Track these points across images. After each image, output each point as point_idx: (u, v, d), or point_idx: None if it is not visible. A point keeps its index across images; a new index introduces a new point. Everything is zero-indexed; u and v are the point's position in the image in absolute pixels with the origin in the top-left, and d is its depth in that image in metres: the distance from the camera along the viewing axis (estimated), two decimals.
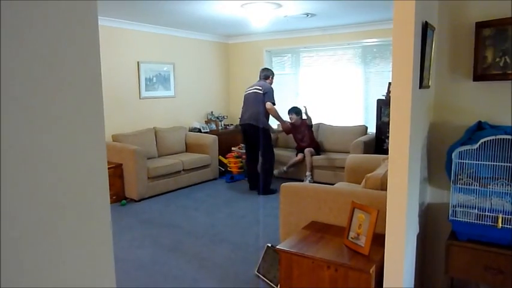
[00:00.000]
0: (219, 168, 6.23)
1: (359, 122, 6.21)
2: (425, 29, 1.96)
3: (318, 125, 6.35)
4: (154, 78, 6.11)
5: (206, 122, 6.91)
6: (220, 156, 6.26)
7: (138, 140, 5.43)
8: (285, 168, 5.93)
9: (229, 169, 6.26)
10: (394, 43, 1.85)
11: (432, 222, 2.50)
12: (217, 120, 6.97)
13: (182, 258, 3.37)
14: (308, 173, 5.74)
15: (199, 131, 6.54)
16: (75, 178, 0.53)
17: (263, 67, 5.69)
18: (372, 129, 5.84)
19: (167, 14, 5.08)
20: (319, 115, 6.63)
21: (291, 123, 5.91)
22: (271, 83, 5.40)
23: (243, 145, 6.73)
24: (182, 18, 5.38)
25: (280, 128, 5.97)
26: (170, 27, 6.09)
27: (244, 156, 6.41)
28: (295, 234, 2.61)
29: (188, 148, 6.22)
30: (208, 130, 6.64)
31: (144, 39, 5.92)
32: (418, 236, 2.30)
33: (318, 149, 5.98)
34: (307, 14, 5.05)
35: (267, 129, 5.29)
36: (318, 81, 6.68)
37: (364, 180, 2.84)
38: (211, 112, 7.08)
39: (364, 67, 6.22)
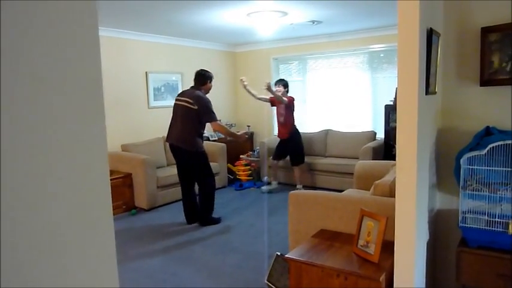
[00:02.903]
0: (228, 176, 6.25)
1: (367, 127, 6.19)
2: (431, 36, 1.96)
3: (327, 131, 6.35)
4: (162, 88, 6.17)
5: (214, 130, 6.93)
6: (229, 164, 6.28)
7: (147, 149, 5.48)
8: (273, 183, 5.87)
9: (238, 177, 6.28)
10: (399, 50, 1.85)
11: (442, 229, 2.47)
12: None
13: (192, 267, 3.38)
14: (299, 186, 5.70)
15: (208, 139, 6.56)
16: (76, 187, 0.54)
17: (200, 69, 4.48)
18: (381, 135, 5.81)
19: (175, 25, 5.15)
20: (327, 121, 6.64)
21: (273, 97, 5.55)
22: (208, 90, 4.42)
23: (251, 152, 6.75)
24: (189, 28, 5.44)
25: (268, 98, 5.67)
26: (178, 37, 6.16)
27: (253, 164, 6.43)
28: (305, 243, 2.60)
29: None
30: (216, 138, 6.67)
31: (152, 49, 5.99)
32: (427, 243, 2.28)
33: (294, 135, 5.67)
34: (313, 22, 5.08)
35: (201, 152, 4.28)
36: (325, 88, 6.69)
37: (372, 187, 2.83)
38: (219, 120, 7.10)
39: (372, 73, 6.21)
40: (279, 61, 7.16)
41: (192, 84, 4.47)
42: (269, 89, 5.22)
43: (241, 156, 6.64)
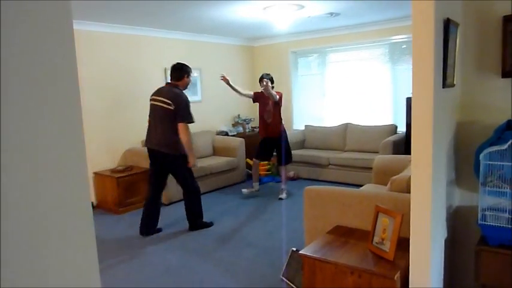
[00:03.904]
0: (247, 171, 6.25)
1: (388, 121, 6.06)
2: (448, 26, 1.88)
3: (346, 124, 6.25)
4: None
5: (233, 125, 6.95)
6: (247, 159, 6.28)
7: None
8: (255, 184, 5.41)
9: None
10: (413, 42, 1.79)
11: (461, 226, 2.39)
12: (244, 123, 7.00)
13: (208, 262, 3.40)
14: (284, 186, 5.30)
15: (227, 134, 6.59)
16: (55, 180, 0.53)
17: (176, 62, 4.14)
18: (402, 128, 5.68)
19: (192, 20, 5.16)
20: (346, 115, 6.53)
21: (259, 93, 5.16)
22: (185, 86, 4.08)
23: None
24: (207, 24, 5.44)
25: (251, 94, 5.27)
26: (195, 32, 6.17)
27: (272, 159, 6.41)
28: (319, 239, 2.57)
29: (216, 151, 6.27)
30: (235, 133, 6.68)
31: (170, 45, 6.03)
32: (446, 241, 2.21)
33: (284, 133, 5.28)
34: (331, 14, 4.98)
35: (184, 155, 3.95)
36: (344, 81, 6.58)
37: (389, 183, 2.77)
38: (238, 115, 7.11)
39: (392, 65, 6.07)
40: (298, 54, 7.09)
41: (211, 79, 4.43)
42: (266, 87, 4.81)
43: None
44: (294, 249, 3.05)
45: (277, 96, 5.02)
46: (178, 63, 4.10)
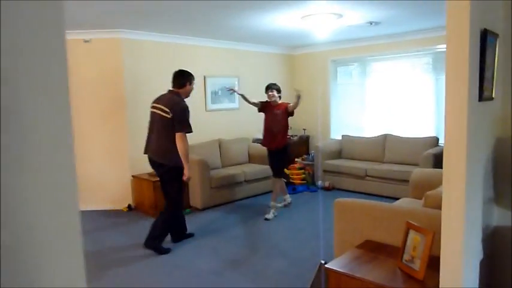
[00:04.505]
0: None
1: (430, 133, 5.83)
2: (485, 37, 1.79)
3: (385, 135, 6.09)
4: (219, 92, 6.32)
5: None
6: None
7: (203, 150, 5.63)
8: (285, 199, 5.16)
9: (291, 180, 6.23)
10: (447, 53, 1.73)
11: (500, 247, 2.25)
12: None
13: (238, 269, 3.41)
14: (272, 203, 4.90)
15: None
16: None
17: (178, 69, 3.97)
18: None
19: (231, 29, 5.25)
20: (386, 125, 6.36)
21: (266, 102, 4.85)
22: (188, 94, 3.90)
23: (306, 156, 6.68)
24: (245, 33, 5.51)
25: (258, 103, 4.87)
26: (235, 41, 6.27)
27: (308, 168, 6.36)
28: (347, 253, 2.51)
29: (251, 159, 6.31)
30: None
31: (210, 54, 6.16)
32: (482, 262, 2.09)
33: (286, 149, 4.96)
34: (371, 23, 4.89)
35: (179, 167, 3.74)
36: (385, 91, 6.42)
37: (423, 198, 2.66)
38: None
39: (436, 75, 5.85)
40: (337, 63, 7.01)
41: (249, 87, 4.45)
42: (295, 104, 4.66)
43: (296, 159, 6.59)
44: (323, 261, 2.99)
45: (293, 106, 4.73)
46: (180, 70, 3.93)
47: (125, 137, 5.29)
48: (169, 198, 3.89)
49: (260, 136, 6.72)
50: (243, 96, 4.88)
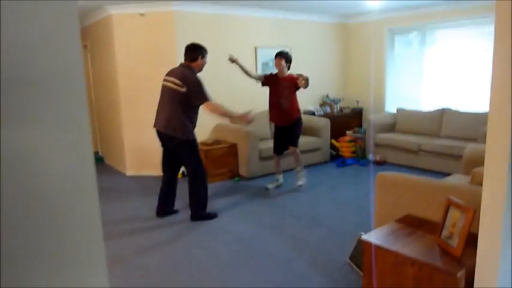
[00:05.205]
0: (331, 152, 6.18)
1: None
2: None
3: (443, 110, 5.77)
4: (270, 62, 6.29)
5: (320, 105, 6.87)
6: (332, 140, 6.20)
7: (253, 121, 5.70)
8: (277, 179, 4.95)
9: (341, 153, 6.17)
10: (496, 40, 1.61)
11: None
12: (333, 103, 6.88)
13: (279, 237, 3.52)
14: (299, 168, 4.79)
15: (313, 114, 6.56)
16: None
17: (190, 43, 3.89)
18: None
19: None
20: (445, 99, 6.02)
21: (270, 75, 4.53)
22: (200, 68, 3.83)
23: (357, 128, 6.54)
24: (297, 2, 5.40)
25: (261, 76, 4.65)
26: (286, 10, 6.17)
27: (359, 141, 6.24)
28: (385, 226, 2.50)
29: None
30: (322, 113, 6.61)
31: (260, 24, 6.13)
32: None
33: (300, 121, 4.70)
34: None
35: (191, 140, 3.76)
36: (447, 61, 6.03)
37: (471, 175, 2.55)
38: (327, 95, 7.00)
39: None
40: (394, 32, 6.66)
41: (301, 58, 4.35)
42: (302, 82, 4.30)
43: (346, 132, 6.49)
44: (363, 233, 3.00)
45: (304, 82, 4.34)
46: (192, 44, 3.85)
47: None
48: (191, 171, 3.88)
49: (311, 108, 6.69)
50: (242, 68, 4.46)
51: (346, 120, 6.73)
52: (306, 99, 6.83)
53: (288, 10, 6.13)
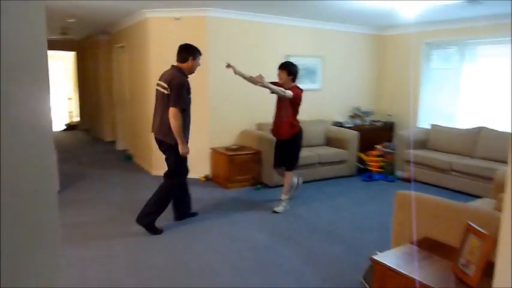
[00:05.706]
0: (357, 165, 6.04)
1: None
2: None
3: (479, 128, 5.51)
4: (301, 71, 6.25)
5: (351, 117, 6.74)
6: (360, 153, 6.05)
7: None
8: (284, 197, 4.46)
9: (368, 167, 6.01)
10: None
11: None
12: (364, 115, 6.73)
13: (293, 248, 3.45)
14: (283, 197, 4.43)
15: (342, 125, 6.44)
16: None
17: (184, 43, 3.74)
18: None
19: (316, 8, 5.12)
20: (482, 117, 5.75)
21: (277, 83, 4.21)
22: (191, 70, 3.68)
23: (387, 143, 6.36)
24: (331, 11, 5.34)
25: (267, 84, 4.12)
26: (320, 20, 6.11)
27: (388, 156, 6.06)
28: (400, 248, 2.40)
29: (328, 142, 6.20)
30: (351, 125, 6.48)
31: (292, 33, 6.10)
32: None
33: (297, 137, 4.37)
34: (469, 1, 4.38)
35: (175, 145, 3.60)
36: (486, 78, 5.76)
37: (496, 200, 2.39)
38: (359, 107, 6.86)
39: None
40: (432, 46, 6.44)
41: (333, 68, 4.28)
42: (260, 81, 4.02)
43: (376, 146, 6.31)
44: (378, 252, 2.89)
45: (290, 93, 4.05)
46: (184, 44, 3.71)
47: (206, 110, 5.55)
48: (167, 176, 3.77)
49: (340, 119, 6.58)
50: (242, 75, 4.22)
51: (376, 134, 6.56)
52: (335, 110, 6.74)
53: (321, 19, 6.07)
